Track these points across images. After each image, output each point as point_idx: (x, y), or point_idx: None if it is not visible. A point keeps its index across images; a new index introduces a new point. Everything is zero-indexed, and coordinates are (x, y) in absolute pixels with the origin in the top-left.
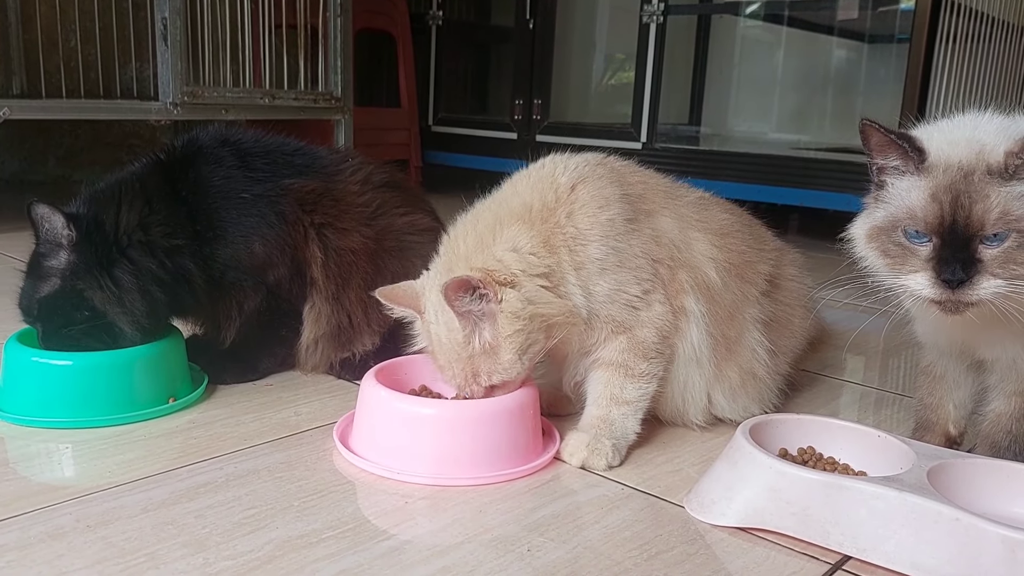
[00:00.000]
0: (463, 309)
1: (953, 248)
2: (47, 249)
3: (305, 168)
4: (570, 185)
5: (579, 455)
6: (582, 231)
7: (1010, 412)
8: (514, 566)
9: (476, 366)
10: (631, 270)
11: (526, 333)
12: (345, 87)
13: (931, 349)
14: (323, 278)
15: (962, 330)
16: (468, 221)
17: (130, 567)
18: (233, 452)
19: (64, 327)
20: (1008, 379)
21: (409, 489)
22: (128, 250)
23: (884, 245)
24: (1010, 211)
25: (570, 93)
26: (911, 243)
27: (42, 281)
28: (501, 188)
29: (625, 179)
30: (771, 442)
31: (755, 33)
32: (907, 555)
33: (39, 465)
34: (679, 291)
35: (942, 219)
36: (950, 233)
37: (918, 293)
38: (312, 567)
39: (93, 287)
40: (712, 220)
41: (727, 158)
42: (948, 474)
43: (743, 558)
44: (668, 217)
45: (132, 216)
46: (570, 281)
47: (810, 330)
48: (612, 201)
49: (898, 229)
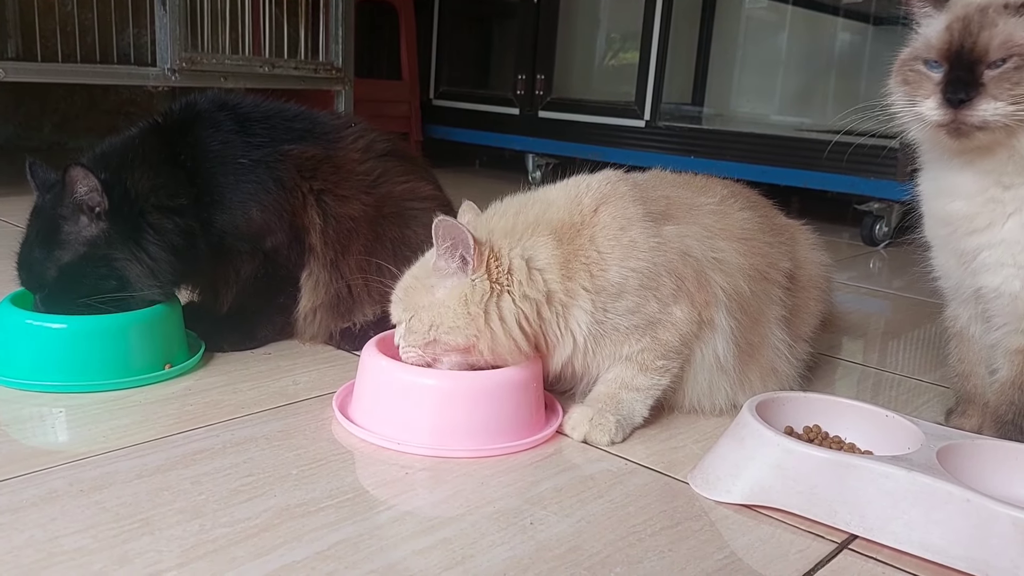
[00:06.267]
0: (439, 249)
1: (959, 71)
2: (69, 214)
3: (305, 133)
4: (593, 208)
5: (581, 429)
6: (603, 255)
7: (1011, 378)
8: (516, 539)
9: (409, 296)
10: (651, 289)
11: (454, 321)
12: (346, 57)
13: (945, 281)
14: (321, 245)
15: (966, 202)
16: (514, 206)
17: (124, 531)
18: (230, 420)
19: (82, 296)
20: (1010, 325)
21: (409, 460)
22: (148, 217)
23: (905, 74)
24: (1014, 38)
25: (574, 69)
26: (927, 70)
27: (61, 248)
28: (548, 190)
29: (647, 195)
30: (777, 420)
31: (760, 13)
32: (916, 535)
33: (32, 429)
34: (708, 303)
35: (951, 44)
36: (957, 57)
37: (927, 117)
38: (311, 536)
39: (129, 259)
40: (734, 226)
41: (730, 138)
42: (958, 455)
43: (748, 535)
44: (692, 231)
45: (144, 182)
46: (582, 306)
47: (825, 309)
48: (634, 221)
49: (918, 59)
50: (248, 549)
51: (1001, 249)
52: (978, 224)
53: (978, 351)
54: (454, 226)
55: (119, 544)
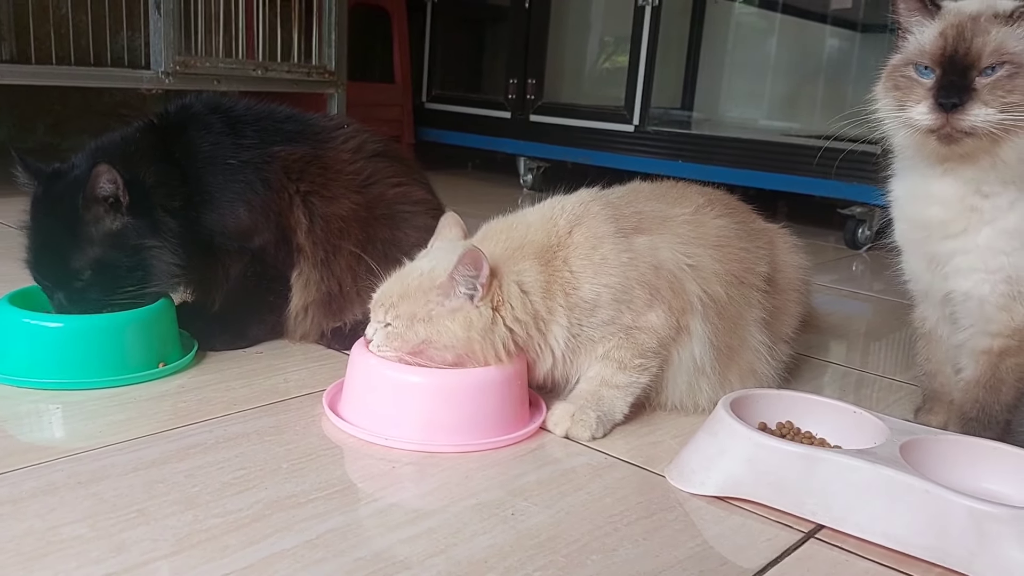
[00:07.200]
0: (458, 275)
1: (952, 76)
2: (91, 209)
3: (295, 135)
4: (568, 229)
5: (563, 424)
6: (576, 274)
7: (977, 378)
8: (498, 528)
9: (403, 304)
10: (624, 302)
11: (453, 342)
12: (339, 61)
13: (915, 285)
14: (310, 244)
15: (943, 208)
16: (502, 230)
17: (121, 521)
18: (223, 416)
19: (116, 290)
20: (977, 327)
21: (396, 454)
22: (157, 212)
23: (896, 79)
24: (1006, 46)
25: (564, 74)
26: (918, 76)
27: (90, 243)
28: (526, 213)
29: (620, 212)
30: (751, 416)
31: (749, 19)
32: (879, 525)
33: (29, 424)
34: (684, 310)
35: (944, 50)
36: (950, 63)
37: (918, 122)
38: (300, 526)
39: (159, 246)
40: (709, 233)
41: (717, 143)
42: (920, 449)
43: (720, 525)
44: (665, 241)
45: (151, 178)
46: (559, 323)
47: (804, 310)
48: (605, 239)
49: (909, 65)
50: (240, 538)
51: (974, 255)
52: (953, 230)
53: (945, 351)
54: (481, 259)
55: (116, 533)
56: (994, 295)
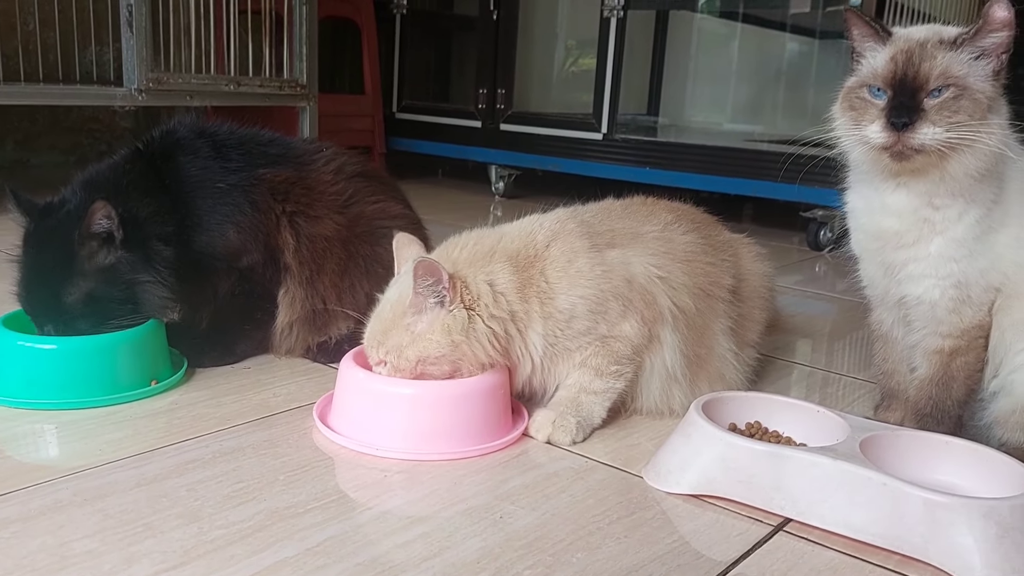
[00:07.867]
0: (419, 288)
1: (903, 97)
2: (86, 244)
3: (279, 158)
4: (546, 243)
5: (545, 430)
6: (552, 284)
7: (930, 376)
8: (488, 531)
9: (389, 338)
10: (599, 313)
11: (440, 351)
12: (310, 74)
13: (871, 290)
14: (296, 264)
15: (898, 220)
16: (472, 238)
17: (129, 535)
18: (217, 431)
19: (106, 320)
20: (929, 329)
21: (387, 464)
22: (151, 242)
23: (851, 100)
24: (951, 70)
25: (533, 83)
26: (872, 97)
27: (83, 277)
28: (503, 226)
29: (594, 229)
30: (722, 417)
31: (711, 27)
32: (840, 516)
33: (29, 444)
34: (655, 320)
35: (895, 73)
36: (900, 85)
37: (872, 140)
38: (301, 534)
39: (152, 281)
40: (677, 249)
41: (684, 150)
42: (878, 444)
43: (695, 521)
44: (637, 254)
45: (142, 208)
46: (536, 330)
47: (769, 316)
48: (580, 253)
49: (863, 87)
50: (244, 548)
51: (926, 263)
52: (907, 240)
53: (900, 352)
54: (432, 265)
55: (126, 546)
56: (944, 299)
